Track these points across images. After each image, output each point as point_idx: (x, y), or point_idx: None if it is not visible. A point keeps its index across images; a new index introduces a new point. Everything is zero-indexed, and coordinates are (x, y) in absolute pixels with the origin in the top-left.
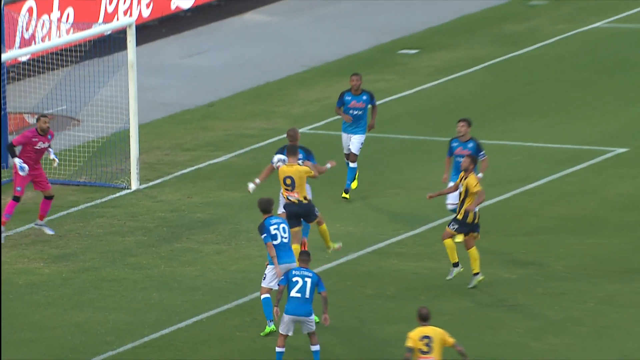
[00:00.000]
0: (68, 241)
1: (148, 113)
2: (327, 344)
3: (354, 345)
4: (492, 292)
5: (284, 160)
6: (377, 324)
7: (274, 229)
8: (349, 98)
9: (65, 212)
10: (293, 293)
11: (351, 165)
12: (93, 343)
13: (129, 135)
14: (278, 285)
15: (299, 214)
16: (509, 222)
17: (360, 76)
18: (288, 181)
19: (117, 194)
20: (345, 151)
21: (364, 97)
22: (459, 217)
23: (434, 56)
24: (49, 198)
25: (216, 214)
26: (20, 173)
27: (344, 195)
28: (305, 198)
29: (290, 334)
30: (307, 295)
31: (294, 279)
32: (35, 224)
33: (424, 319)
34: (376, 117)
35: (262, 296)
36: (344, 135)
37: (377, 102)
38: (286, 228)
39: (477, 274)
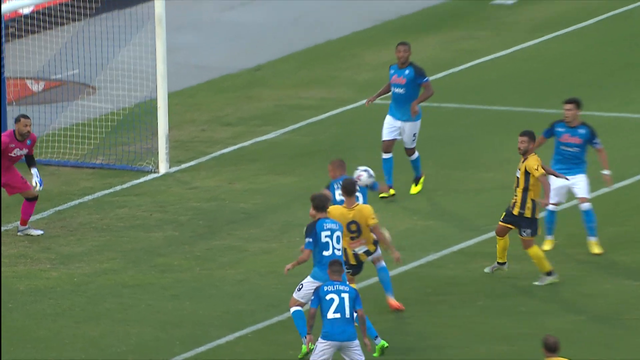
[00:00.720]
0: (81, 237)
1: (180, 79)
2: None
3: None
4: (611, 303)
5: (368, 172)
6: (465, 343)
7: (326, 236)
8: (392, 71)
9: (77, 202)
10: (330, 314)
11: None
12: None
13: (156, 107)
14: (310, 307)
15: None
16: (630, 214)
17: (408, 46)
18: (353, 227)
19: (142, 179)
20: (384, 137)
21: (406, 72)
22: (517, 211)
23: (535, 8)
24: (31, 200)
25: (264, 204)
26: None
27: (388, 193)
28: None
29: None
30: (347, 314)
31: (328, 297)
32: (19, 231)
33: (552, 350)
34: (424, 99)
35: (292, 309)
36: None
37: (465, 65)
38: (341, 238)
39: (550, 273)
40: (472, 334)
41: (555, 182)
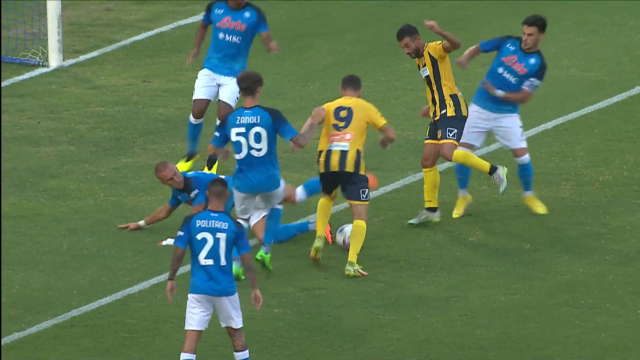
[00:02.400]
0: None
1: None
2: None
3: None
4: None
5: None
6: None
7: (239, 134)
8: (220, 11)
9: None
10: (201, 260)
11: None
12: None
13: None
14: (175, 246)
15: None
16: None
17: None
18: (343, 113)
19: (27, 75)
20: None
21: (247, 15)
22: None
23: None
24: None
25: (189, 108)
26: None
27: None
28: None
29: (201, 328)
30: (223, 261)
31: (200, 236)
32: None
33: None
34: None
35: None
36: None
37: None
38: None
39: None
40: (456, 281)
41: (473, 123)
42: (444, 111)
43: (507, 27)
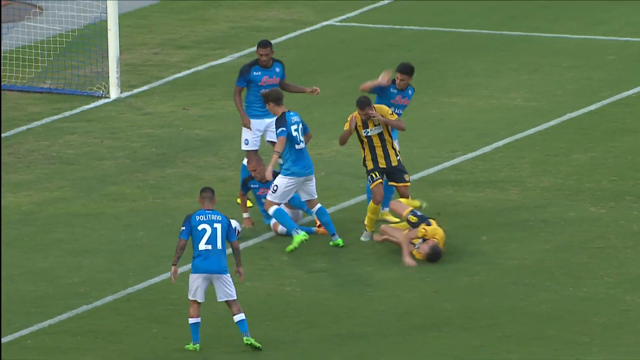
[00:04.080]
0: (29, 165)
1: None
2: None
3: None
4: (574, 232)
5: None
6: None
7: (295, 130)
8: (259, 73)
9: (24, 128)
10: (202, 246)
11: None
12: (62, 295)
13: (107, 28)
14: (179, 238)
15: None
16: (596, 140)
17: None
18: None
19: (92, 105)
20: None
21: (277, 70)
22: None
23: None
24: None
25: (219, 130)
26: None
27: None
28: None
29: (202, 300)
30: (219, 245)
31: (200, 227)
32: None
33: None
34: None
35: (271, 209)
36: None
37: None
38: (304, 129)
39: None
40: (430, 265)
41: None
42: (399, 157)
43: (468, 67)
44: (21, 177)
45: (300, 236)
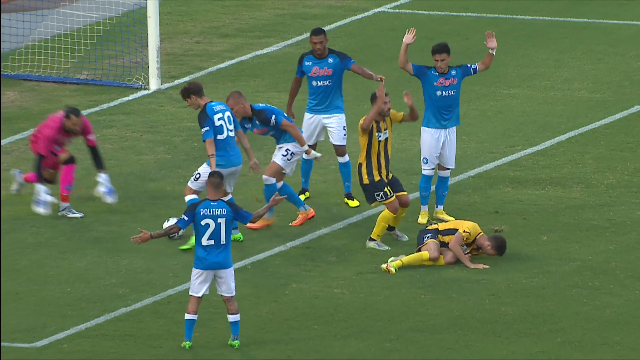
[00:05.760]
0: None
1: None
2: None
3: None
4: None
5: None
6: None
7: (219, 119)
8: (309, 63)
9: None
10: (205, 241)
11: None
12: (100, 297)
13: (147, 16)
14: (175, 224)
15: None
16: None
17: (324, 35)
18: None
19: (131, 97)
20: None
21: (330, 61)
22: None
23: None
24: (67, 163)
25: None
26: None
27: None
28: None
29: (200, 295)
30: (223, 240)
31: (203, 222)
32: (60, 211)
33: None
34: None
35: (188, 197)
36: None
37: None
38: (232, 118)
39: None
40: (490, 260)
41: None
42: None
43: (529, 56)
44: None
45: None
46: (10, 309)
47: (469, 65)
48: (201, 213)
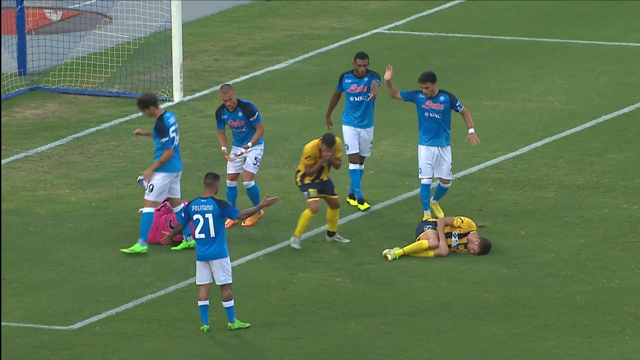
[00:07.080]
0: (98, 163)
1: (194, 9)
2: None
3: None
4: (608, 228)
5: None
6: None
7: (172, 131)
8: (349, 81)
9: (94, 129)
10: (197, 235)
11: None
12: (129, 285)
13: (171, 36)
14: (176, 217)
15: None
16: (629, 141)
17: (367, 59)
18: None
19: None
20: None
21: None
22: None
23: None
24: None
25: (275, 131)
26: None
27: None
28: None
29: (206, 282)
30: (212, 233)
31: (195, 217)
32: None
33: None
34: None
35: (145, 209)
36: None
37: None
38: (177, 128)
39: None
40: (471, 258)
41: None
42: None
43: (509, 72)
44: (91, 175)
45: (142, 248)
46: (49, 296)
47: (457, 102)
48: (193, 209)
